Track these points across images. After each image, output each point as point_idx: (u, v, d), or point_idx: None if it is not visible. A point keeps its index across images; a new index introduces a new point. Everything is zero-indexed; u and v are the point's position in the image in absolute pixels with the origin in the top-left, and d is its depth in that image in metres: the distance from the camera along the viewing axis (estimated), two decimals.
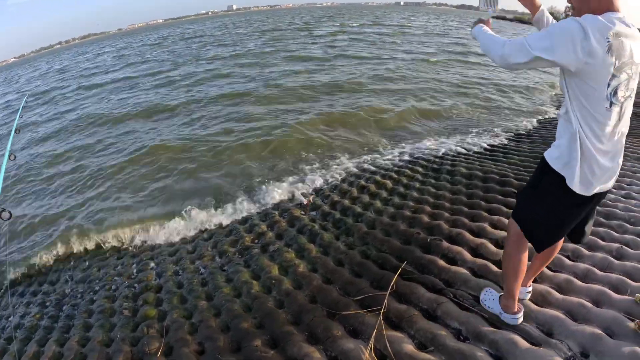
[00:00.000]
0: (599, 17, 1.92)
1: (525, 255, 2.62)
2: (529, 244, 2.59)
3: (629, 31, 1.93)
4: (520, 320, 2.89)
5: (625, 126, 2.14)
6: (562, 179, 2.22)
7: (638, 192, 5.25)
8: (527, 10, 2.71)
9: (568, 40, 1.92)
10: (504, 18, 74.59)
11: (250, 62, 21.91)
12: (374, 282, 3.55)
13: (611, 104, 2.02)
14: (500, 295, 3.00)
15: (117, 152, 9.91)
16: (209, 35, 45.73)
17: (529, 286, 3.14)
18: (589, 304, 3.04)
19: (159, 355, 3.17)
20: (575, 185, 2.19)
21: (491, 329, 2.89)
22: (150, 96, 15.87)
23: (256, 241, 4.70)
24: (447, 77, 16.48)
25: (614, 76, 1.96)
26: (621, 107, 2.06)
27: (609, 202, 4.89)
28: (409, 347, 2.78)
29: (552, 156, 2.26)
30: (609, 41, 1.89)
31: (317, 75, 16.71)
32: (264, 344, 3.00)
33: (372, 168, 6.92)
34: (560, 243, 2.80)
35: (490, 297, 3.09)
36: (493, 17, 2.93)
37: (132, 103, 15.01)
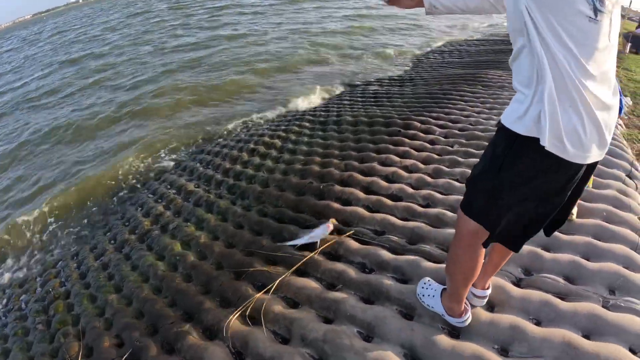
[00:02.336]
0: None
1: (481, 256, 2.03)
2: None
3: None
4: (469, 320, 2.40)
5: (615, 49, 1.51)
6: (536, 144, 1.50)
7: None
8: None
9: None
10: None
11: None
12: (275, 236, 3.64)
13: (596, 12, 1.37)
14: (443, 291, 2.49)
15: None
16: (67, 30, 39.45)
17: (488, 288, 2.52)
18: None
19: (79, 359, 3.10)
20: (563, 147, 1.48)
21: (393, 256, 3.07)
22: None
23: (155, 224, 4.63)
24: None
25: None
26: (610, 18, 1.40)
27: (490, 127, 5.28)
28: (318, 288, 2.89)
29: (514, 116, 1.58)
30: None
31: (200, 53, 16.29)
32: (180, 320, 3.01)
33: (260, 131, 6.96)
34: None
35: (429, 293, 2.55)
36: None
37: None
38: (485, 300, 2.50)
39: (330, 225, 3.40)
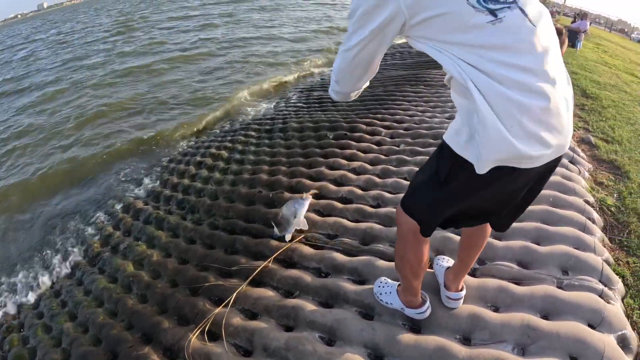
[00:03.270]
0: None
1: (426, 250, 2.07)
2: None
3: None
4: (429, 311, 2.48)
5: (547, 28, 1.37)
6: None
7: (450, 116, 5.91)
8: None
9: None
10: None
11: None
12: (227, 248, 3.66)
13: (493, 12, 1.28)
14: (398, 287, 2.57)
15: None
16: None
17: (462, 290, 2.52)
18: None
19: None
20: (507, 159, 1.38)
21: (347, 258, 3.14)
22: None
23: (105, 245, 4.54)
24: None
25: None
26: (518, 6, 1.31)
27: (435, 125, 5.49)
28: (275, 297, 2.92)
29: (452, 133, 1.59)
30: None
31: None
32: (139, 343, 2.96)
33: (207, 143, 6.96)
34: (488, 227, 2.18)
35: (386, 291, 2.65)
36: None
37: None
38: (461, 301, 2.52)
39: (308, 195, 3.42)
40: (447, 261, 2.74)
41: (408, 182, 4.03)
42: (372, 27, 1.40)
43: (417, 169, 4.09)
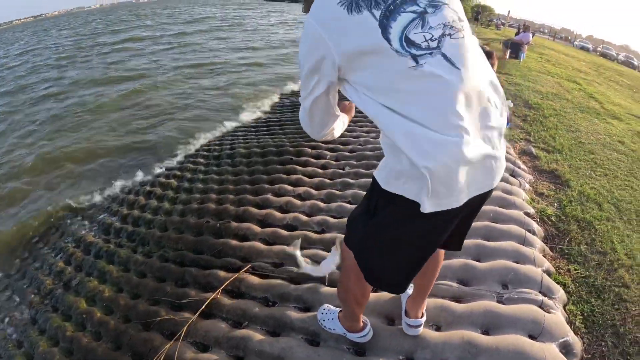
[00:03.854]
0: None
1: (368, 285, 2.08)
2: None
3: None
4: (370, 334, 2.57)
5: (479, 64, 1.44)
6: (404, 201, 1.48)
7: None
8: None
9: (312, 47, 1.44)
10: None
11: None
12: (177, 281, 3.76)
13: (414, 57, 1.32)
14: (339, 313, 2.66)
15: None
16: None
17: (422, 317, 2.53)
18: None
19: None
20: (428, 202, 1.38)
21: (293, 286, 3.26)
22: None
23: (57, 281, 4.55)
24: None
25: (386, 21, 1.34)
26: (444, 55, 1.34)
27: (378, 145, 5.61)
28: (225, 328, 3.01)
29: (382, 171, 1.60)
30: (343, 3, 1.36)
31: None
32: None
33: (156, 171, 7.03)
34: (441, 252, 2.27)
35: (328, 317, 2.72)
36: None
37: None
38: (421, 328, 2.53)
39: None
40: (410, 288, 2.70)
41: (352, 206, 4.26)
42: (311, 72, 1.48)
43: (362, 192, 4.35)
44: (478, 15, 41.39)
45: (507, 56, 16.16)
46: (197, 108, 11.44)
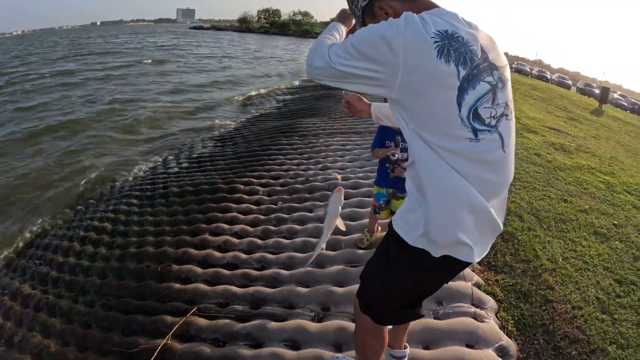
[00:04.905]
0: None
1: (386, 334, 2.13)
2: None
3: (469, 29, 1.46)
4: None
5: (511, 158, 1.58)
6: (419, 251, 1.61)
7: (332, 162, 6.49)
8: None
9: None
10: None
11: None
12: (124, 329, 3.73)
13: (475, 132, 1.43)
14: None
15: None
16: None
17: (405, 348, 2.54)
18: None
19: None
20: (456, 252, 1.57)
21: (241, 324, 3.35)
22: None
23: None
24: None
25: (467, 85, 1.38)
26: (500, 135, 1.49)
27: (310, 178, 5.92)
28: None
29: (404, 225, 1.66)
30: (437, 41, 1.36)
31: None
32: None
33: (88, 214, 6.86)
34: None
35: None
36: None
37: None
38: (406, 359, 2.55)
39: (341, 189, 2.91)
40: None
41: (288, 240, 4.46)
42: (363, 57, 1.43)
43: (297, 226, 4.59)
44: None
45: None
46: (125, 146, 11.24)
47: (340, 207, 2.30)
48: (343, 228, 2.38)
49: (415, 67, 1.35)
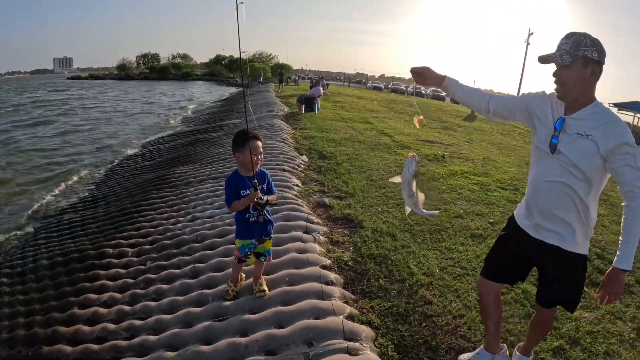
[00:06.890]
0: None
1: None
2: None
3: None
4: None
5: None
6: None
7: (201, 211, 6.52)
8: None
9: None
10: None
11: None
12: None
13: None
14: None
15: None
16: None
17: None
18: None
19: None
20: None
21: None
22: None
23: None
24: None
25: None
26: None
27: (178, 231, 5.99)
28: None
29: (586, 245, 2.57)
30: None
31: None
32: None
33: None
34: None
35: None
36: None
37: None
38: None
39: (414, 155, 2.97)
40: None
41: (156, 303, 4.44)
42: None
43: (164, 285, 4.66)
44: (282, 77, 44.07)
45: (303, 111, 17.82)
46: None
47: (413, 171, 2.87)
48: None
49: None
